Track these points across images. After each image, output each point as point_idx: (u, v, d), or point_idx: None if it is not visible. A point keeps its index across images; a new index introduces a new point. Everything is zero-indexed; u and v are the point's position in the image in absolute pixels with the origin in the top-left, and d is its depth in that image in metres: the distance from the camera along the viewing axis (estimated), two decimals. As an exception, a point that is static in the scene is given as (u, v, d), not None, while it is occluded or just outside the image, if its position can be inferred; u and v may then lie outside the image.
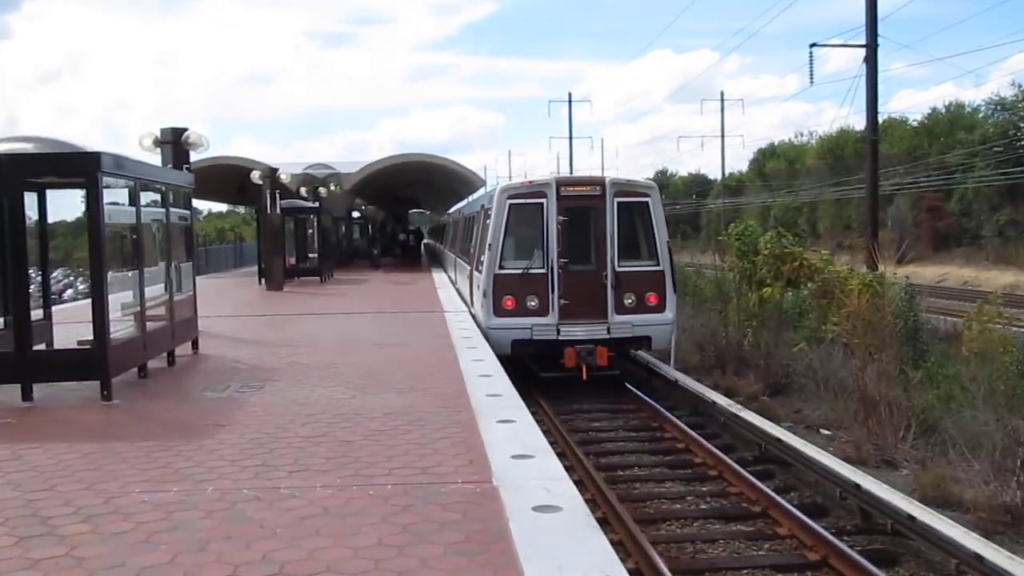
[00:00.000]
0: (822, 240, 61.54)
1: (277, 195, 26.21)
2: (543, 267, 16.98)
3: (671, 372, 17.08)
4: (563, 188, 17.12)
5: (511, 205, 17.16)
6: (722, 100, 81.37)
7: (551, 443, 8.24)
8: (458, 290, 23.18)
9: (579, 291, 16.95)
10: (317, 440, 7.60)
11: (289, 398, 9.43)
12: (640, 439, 13.43)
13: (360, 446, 7.36)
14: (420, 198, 65.12)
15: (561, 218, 17.00)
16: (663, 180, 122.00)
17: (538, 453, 7.01)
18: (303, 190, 33.75)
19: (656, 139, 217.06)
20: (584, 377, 16.40)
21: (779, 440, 11.89)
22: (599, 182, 17.29)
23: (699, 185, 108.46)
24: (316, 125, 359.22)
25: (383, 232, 52.79)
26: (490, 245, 17.20)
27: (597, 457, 12.38)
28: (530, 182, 17.53)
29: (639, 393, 15.33)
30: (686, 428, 13.10)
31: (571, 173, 54.39)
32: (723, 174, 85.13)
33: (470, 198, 34.47)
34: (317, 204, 32.66)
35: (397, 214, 66.37)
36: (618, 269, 16.95)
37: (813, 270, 18.53)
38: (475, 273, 18.63)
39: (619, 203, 17.08)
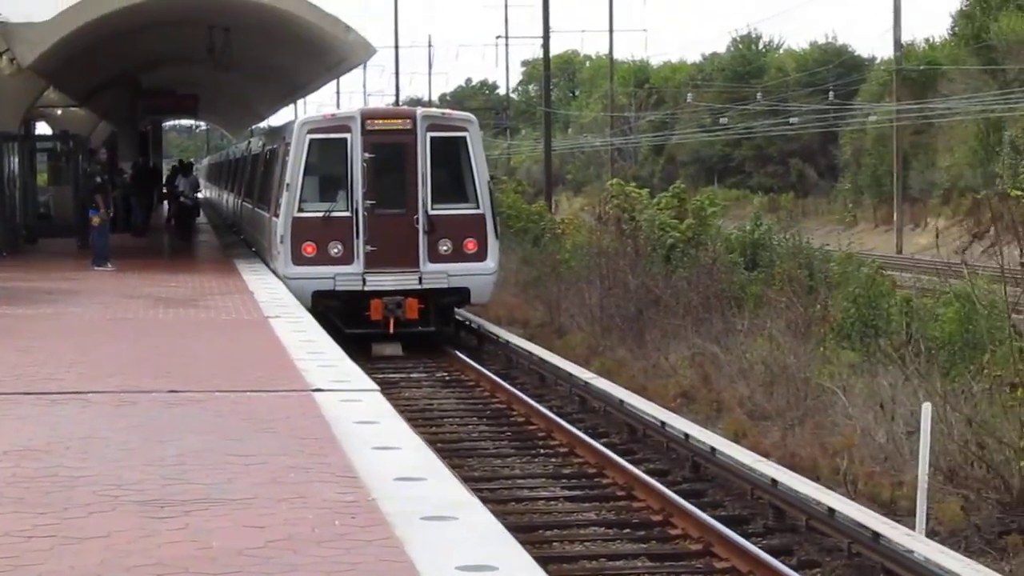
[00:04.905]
0: None
1: None
2: (347, 210, 22.82)
3: None
4: (369, 122, 23.06)
5: (311, 140, 23.01)
6: None
7: None
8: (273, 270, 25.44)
9: (388, 237, 22.75)
10: None
11: None
12: None
13: None
14: (204, 95, 49.29)
15: (367, 155, 22.74)
16: (748, 56, 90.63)
17: None
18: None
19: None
20: (391, 330, 22.45)
21: None
22: (409, 115, 23.95)
23: (840, 71, 76.45)
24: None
25: (114, 171, 38.77)
26: (288, 185, 22.99)
27: None
28: (332, 115, 24.81)
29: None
30: None
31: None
32: (897, 43, 59.03)
33: (304, 105, 37.70)
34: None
35: (142, 130, 51.75)
36: (431, 212, 22.94)
37: None
38: (273, 219, 24.36)
39: (432, 138, 23.01)
